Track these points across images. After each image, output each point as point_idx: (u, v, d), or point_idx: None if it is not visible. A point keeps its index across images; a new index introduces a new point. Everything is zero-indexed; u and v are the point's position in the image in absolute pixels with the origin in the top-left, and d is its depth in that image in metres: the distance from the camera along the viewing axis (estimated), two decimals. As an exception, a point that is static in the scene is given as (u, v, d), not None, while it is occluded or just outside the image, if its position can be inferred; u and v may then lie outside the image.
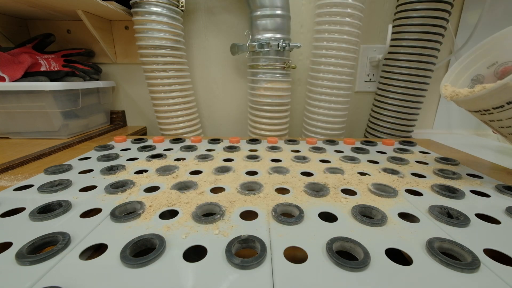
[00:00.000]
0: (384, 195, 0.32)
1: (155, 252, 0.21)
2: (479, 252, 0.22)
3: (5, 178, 0.37)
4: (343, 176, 0.38)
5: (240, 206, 0.29)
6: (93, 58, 0.76)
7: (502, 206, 0.30)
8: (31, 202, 0.29)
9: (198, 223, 0.25)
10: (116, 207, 0.28)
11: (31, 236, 0.23)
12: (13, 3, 0.57)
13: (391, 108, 0.67)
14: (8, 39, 0.69)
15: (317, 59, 0.64)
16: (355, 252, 0.22)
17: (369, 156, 0.48)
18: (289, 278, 0.19)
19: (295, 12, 0.70)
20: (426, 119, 0.81)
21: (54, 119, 0.58)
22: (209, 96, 0.81)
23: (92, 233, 0.24)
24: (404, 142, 0.59)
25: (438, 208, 0.29)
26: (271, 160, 0.44)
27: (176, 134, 0.69)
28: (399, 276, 0.19)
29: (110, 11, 0.61)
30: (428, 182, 0.37)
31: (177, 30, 0.63)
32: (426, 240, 0.23)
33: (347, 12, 0.58)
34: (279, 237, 0.23)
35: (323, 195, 0.31)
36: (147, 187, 0.34)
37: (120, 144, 0.54)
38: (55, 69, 0.63)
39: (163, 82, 0.64)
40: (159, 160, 0.44)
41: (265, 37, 0.61)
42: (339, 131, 0.69)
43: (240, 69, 0.77)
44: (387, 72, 0.67)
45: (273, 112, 0.66)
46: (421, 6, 0.58)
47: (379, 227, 0.25)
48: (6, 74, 0.53)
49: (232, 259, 0.20)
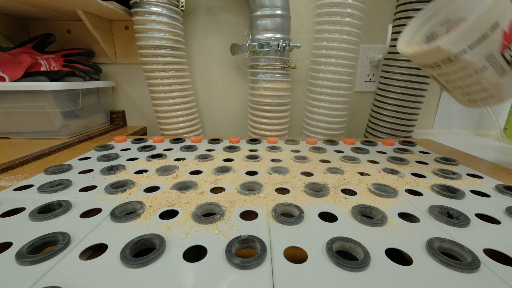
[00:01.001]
0: (384, 195, 0.32)
1: (155, 252, 0.21)
2: (479, 252, 0.22)
3: (5, 178, 0.37)
4: (343, 176, 0.38)
5: (240, 206, 0.29)
6: (93, 58, 0.76)
7: (502, 206, 0.30)
8: (31, 202, 0.29)
9: (198, 223, 0.25)
10: (116, 207, 0.28)
11: (31, 236, 0.23)
12: (13, 3, 0.57)
13: (391, 108, 0.67)
14: (8, 39, 0.69)
15: (317, 59, 0.64)
16: (355, 252, 0.22)
17: (369, 156, 0.48)
18: (289, 278, 0.19)
19: (295, 12, 0.70)
20: (426, 119, 0.81)
21: (54, 119, 0.58)
22: (209, 96, 0.81)
23: (92, 233, 0.24)
24: (404, 142, 0.59)
25: (438, 208, 0.29)
26: (271, 160, 0.44)
27: (176, 134, 0.69)
28: (399, 276, 0.19)
29: (110, 11, 0.61)
30: (428, 182, 0.37)
31: (177, 30, 0.63)
32: (426, 240, 0.23)
33: (347, 12, 0.58)
34: (279, 237, 0.23)
35: (323, 195, 0.31)
36: (147, 187, 0.34)
37: (120, 144, 0.54)
38: (55, 69, 0.63)
39: (163, 82, 0.64)
40: (159, 160, 0.44)
41: (265, 37, 0.61)
42: (339, 131, 0.69)
43: (240, 69, 0.77)
44: (387, 72, 0.67)
45: (273, 112, 0.66)
46: (421, 6, 0.58)
47: (379, 227, 0.25)
48: (6, 74, 0.53)
49: (232, 259, 0.20)
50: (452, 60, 0.32)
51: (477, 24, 0.29)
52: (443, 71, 0.35)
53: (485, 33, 0.29)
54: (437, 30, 0.40)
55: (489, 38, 0.30)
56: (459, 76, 0.34)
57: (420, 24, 0.41)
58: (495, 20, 0.29)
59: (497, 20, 0.29)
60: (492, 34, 0.29)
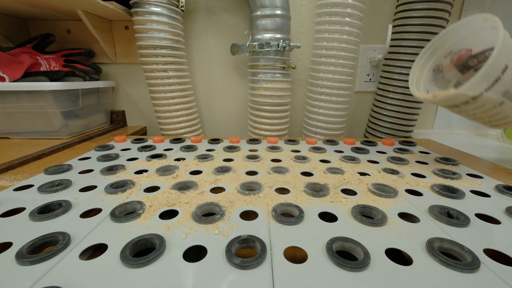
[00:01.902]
0: (384, 195, 0.32)
1: (155, 252, 0.21)
2: (479, 252, 0.22)
3: (5, 178, 0.37)
4: (343, 176, 0.38)
5: (240, 206, 0.29)
6: (93, 58, 0.76)
7: (502, 206, 0.30)
8: (31, 202, 0.29)
9: (198, 223, 0.25)
10: (116, 207, 0.28)
11: (31, 236, 0.23)
12: (13, 3, 0.57)
13: (391, 108, 0.67)
14: (8, 39, 0.69)
15: (317, 59, 0.64)
16: (355, 252, 0.22)
17: (369, 156, 0.48)
18: (289, 278, 0.19)
19: (295, 12, 0.70)
20: (426, 119, 0.81)
21: (54, 119, 0.58)
22: (209, 96, 0.81)
23: (92, 233, 0.24)
24: (404, 142, 0.59)
25: (438, 208, 0.29)
26: (271, 160, 0.44)
27: (176, 134, 0.69)
28: (399, 276, 0.19)
29: (110, 11, 0.61)
30: (428, 182, 0.37)
31: (177, 30, 0.63)
32: (426, 240, 0.23)
33: (347, 12, 0.58)
34: (279, 237, 0.23)
35: (323, 195, 0.31)
36: (147, 187, 0.34)
37: (120, 144, 0.54)
38: (55, 69, 0.63)
39: (163, 82, 0.64)
40: (159, 160, 0.44)
41: (265, 37, 0.61)
42: (339, 131, 0.69)
43: (240, 69, 0.77)
44: (387, 72, 0.67)
45: (273, 112, 0.66)
46: (421, 6, 0.58)
47: (379, 227, 0.25)
48: (6, 74, 0.53)
49: (232, 259, 0.20)
50: (470, 102, 0.35)
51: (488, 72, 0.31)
52: (462, 109, 0.37)
53: (498, 77, 0.32)
54: (442, 62, 0.42)
55: (501, 79, 0.32)
56: (479, 111, 0.37)
57: (425, 60, 0.43)
58: (504, 64, 0.31)
59: (506, 63, 0.31)
60: (503, 76, 0.32)
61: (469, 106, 0.36)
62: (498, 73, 0.31)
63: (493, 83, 0.32)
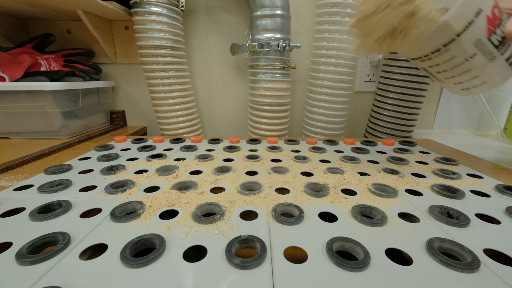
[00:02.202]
0: (384, 195, 0.32)
1: (155, 252, 0.21)
2: (479, 252, 0.22)
3: (5, 178, 0.37)
4: (343, 176, 0.38)
5: (240, 206, 0.29)
6: (93, 58, 0.76)
7: (502, 206, 0.30)
8: (31, 202, 0.29)
9: (198, 223, 0.25)
10: (116, 207, 0.28)
11: (31, 236, 0.23)
12: (13, 3, 0.57)
13: (391, 108, 0.67)
14: (8, 39, 0.69)
15: (317, 59, 0.64)
16: (355, 252, 0.22)
17: (369, 156, 0.48)
18: (289, 278, 0.19)
19: (295, 12, 0.70)
20: (426, 119, 0.81)
21: (54, 119, 0.58)
22: (209, 96, 0.81)
23: (92, 233, 0.24)
24: (404, 142, 0.59)
25: (438, 208, 0.29)
26: (271, 160, 0.44)
27: (176, 134, 0.69)
28: (399, 276, 0.19)
29: (110, 11, 0.61)
30: (428, 182, 0.37)
31: (177, 30, 0.63)
32: (426, 240, 0.23)
33: (347, 12, 0.58)
34: (279, 237, 0.23)
35: (323, 195, 0.31)
36: (147, 187, 0.34)
37: (120, 144, 0.54)
38: (55, 69, 0.63)
39: (163, 82, 0.64)
40: (159, 160, 0.44)
41: (265, 37, 0.61)
42: (339, 131, 0.69)
43: (240, 69, 0.77)
44: (387, 72, 0.67)
45: (273, 112, 0.66)
46: (421, 6, 0.58)
47: (379, 227, 0.25)
48: (6, 74, 0.53)
49: (232, 259, 0.20)
50: (441, 50, 0.33)
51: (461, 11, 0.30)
52: (433, 62, 0.36)
53: (471, 20, 0.30)
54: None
55: (475, 23, 0.30)
56: (450, 65, 0.35)
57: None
58: (478, 6, 0.30)
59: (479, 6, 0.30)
60: (476, 20, 0.30)
61: (439, 58, 0.34)
62: (472, 15, 0.30)
63: (465, 27, 0.30)
